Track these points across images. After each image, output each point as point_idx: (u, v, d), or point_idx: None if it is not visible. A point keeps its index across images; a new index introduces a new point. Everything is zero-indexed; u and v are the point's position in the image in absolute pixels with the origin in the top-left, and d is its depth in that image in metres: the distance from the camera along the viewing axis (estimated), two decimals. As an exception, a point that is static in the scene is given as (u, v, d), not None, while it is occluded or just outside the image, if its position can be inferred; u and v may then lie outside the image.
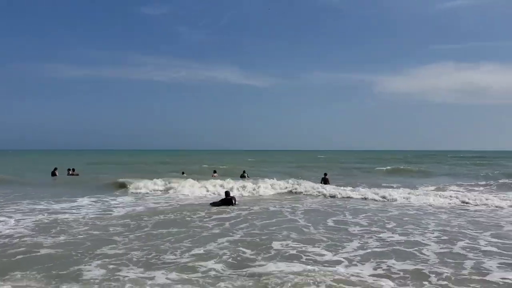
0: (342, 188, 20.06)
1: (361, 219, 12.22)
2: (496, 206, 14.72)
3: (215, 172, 31.34)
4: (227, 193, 16.88)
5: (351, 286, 6.18)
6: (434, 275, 6.71)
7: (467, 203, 15.70)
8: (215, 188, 20.48)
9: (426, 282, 6.38)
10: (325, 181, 24.36)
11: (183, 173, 30.13)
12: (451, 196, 16.95)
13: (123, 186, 21.00)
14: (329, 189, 19.85)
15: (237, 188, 20.33)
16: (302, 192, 19.73)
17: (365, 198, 17.50)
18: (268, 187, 20.77)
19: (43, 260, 7.50)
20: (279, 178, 23.17)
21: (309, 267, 7.09)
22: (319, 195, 18.85)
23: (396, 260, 7.64)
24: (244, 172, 30.07)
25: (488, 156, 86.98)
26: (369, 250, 8.47)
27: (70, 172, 30.19)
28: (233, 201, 15.99)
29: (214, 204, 15.84)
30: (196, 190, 20.03)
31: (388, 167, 42.36)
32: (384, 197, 17.43)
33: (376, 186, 21.96)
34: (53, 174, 29.14)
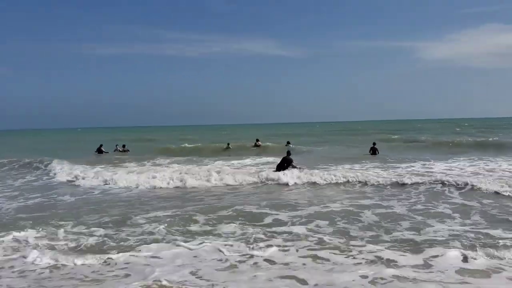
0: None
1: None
2: None
3: (257, 140, 30.62)
4: (288, 152, 16.19)
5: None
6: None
7: None
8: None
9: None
10: (373, 150, 23.12)
11: (228, 144, 29.68)
12: None
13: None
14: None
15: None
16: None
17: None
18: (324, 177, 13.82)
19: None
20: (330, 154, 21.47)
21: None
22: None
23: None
24: (288, 142, 29.35)
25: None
26: (317, 213, 8.88)
27: (120, 149, 28.62)
28: (286, 167, 15.08)
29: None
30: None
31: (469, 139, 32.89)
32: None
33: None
34: (100, 151, 27.30)
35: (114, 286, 5.25)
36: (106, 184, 14.20)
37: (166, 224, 8.17)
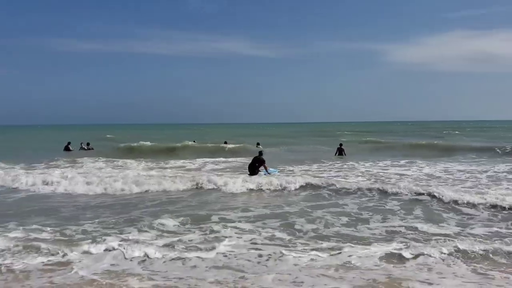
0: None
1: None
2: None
3: (226, 142, 30.87)
4: (260, 152, 16.02)
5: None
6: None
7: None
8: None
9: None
10: (340, 151, 22.98)
11: (194, 141, 30.70)
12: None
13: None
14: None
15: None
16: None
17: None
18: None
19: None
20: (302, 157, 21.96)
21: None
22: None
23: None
24: (258, 144, 29.34)
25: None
26: (268, 213, 9.46)
27: (85, 147, 29.31)
28: (258, 167, 15.12)
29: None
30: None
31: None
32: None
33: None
34: (67, 149, 28.19)
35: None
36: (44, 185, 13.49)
37: (108, 226, 8.35)
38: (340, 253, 6.54)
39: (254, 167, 15.15)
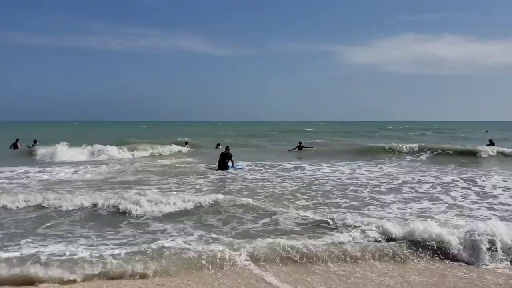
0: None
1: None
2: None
3: (186, 144, 29.79)
4: (227, 147, 16.91)
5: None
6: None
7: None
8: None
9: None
10: (299, 148, 24.33)
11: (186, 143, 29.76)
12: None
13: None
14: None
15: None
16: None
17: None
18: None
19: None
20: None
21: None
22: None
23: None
24: (218, 144, 28.30)
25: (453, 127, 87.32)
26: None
27: (33, 143, 26.77)
28: (229, 162, 15.94)
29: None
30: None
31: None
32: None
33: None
34: (15, 146, 26.40)
35: None
36: None
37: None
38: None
39: (224, 163, 15.98)
